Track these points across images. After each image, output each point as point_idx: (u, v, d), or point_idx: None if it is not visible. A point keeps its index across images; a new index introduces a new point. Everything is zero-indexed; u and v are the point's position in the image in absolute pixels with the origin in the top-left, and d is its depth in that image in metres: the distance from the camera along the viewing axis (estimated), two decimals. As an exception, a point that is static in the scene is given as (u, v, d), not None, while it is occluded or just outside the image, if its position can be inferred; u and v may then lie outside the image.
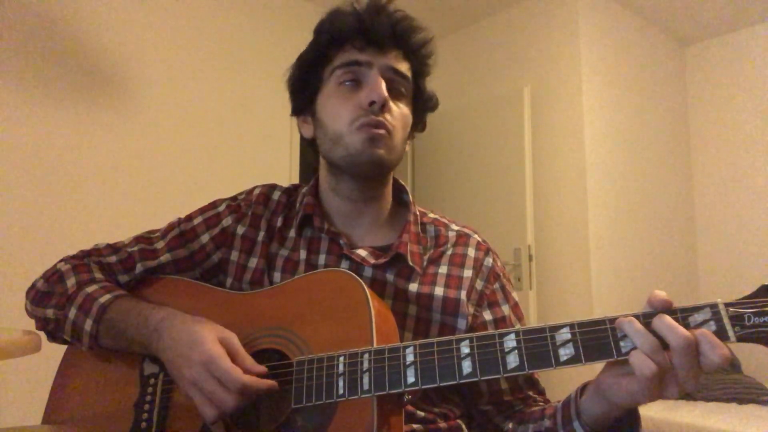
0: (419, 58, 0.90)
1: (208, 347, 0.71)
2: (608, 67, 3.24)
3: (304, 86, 0.91)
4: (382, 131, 0.82)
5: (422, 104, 0.93)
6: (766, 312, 0.56)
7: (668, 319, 0.58)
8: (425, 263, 0.88)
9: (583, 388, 0.73)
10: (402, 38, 0.86)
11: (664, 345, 0.58)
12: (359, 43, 0.85)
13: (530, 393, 0.88)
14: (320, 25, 0.89)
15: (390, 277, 0.85)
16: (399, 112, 0.86)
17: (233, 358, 0.73)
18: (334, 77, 0.87)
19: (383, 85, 0.83)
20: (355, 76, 0.85)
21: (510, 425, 0.84)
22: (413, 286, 0.85)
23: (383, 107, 0.82)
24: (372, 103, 0.82)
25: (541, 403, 0.87)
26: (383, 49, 0.85)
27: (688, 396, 2.70)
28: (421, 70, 0.91)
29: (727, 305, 0.58)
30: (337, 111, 0.85)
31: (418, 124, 0.96)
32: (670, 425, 2.42)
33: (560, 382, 2.86)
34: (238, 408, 0.69)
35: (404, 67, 0.87)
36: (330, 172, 0.91)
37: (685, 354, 0.57)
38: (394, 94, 0.86)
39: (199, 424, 0.75)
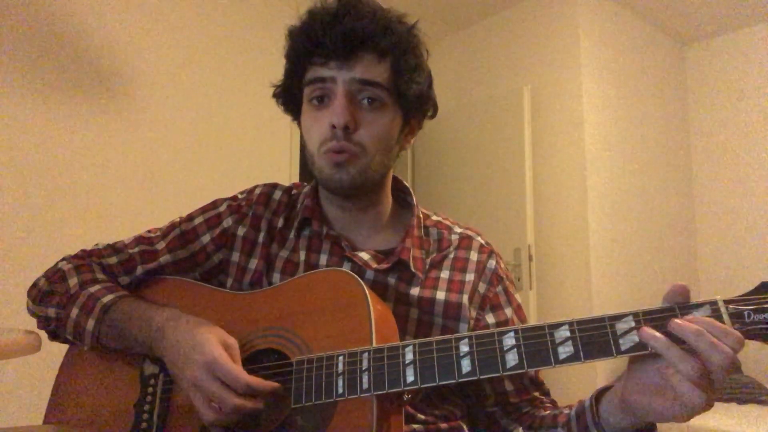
0: (398, 54, 0.82)
1: (210, 348, 0.71)
2: (608, 67, 3.24)
3: (288, 100, 0.91)
4: (345, 156, 0.80)
5: (412, 102, 0.85)
6: (766, 309, 0.56)
7: (688, 326, 0.56)
8: (427, 267, 0.87)
9: (598, 396, 0.72)
10: (369, 40, 0.80)
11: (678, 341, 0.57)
12: (320, 57, 0.81)
13: (536, 394, 0.87)
14: (287, 39, 0.86)
15: (391, 281, 0.85)
16: (373, 126, 0.81)
17: None
18: (305, 93, 0.85)
19: (344, 106, 0.79)
20: (321, 93, 0.82)
21: (520, 430, 0.83)
22: (415, 291, 0.84)
23: (347, 129, 0.79)
24: (334, 127, 0.79)
25: (548, 406, 0.86)
26: (349, 59, 0.80)
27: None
28: (404, 66, 0.82)
29: (727, 302, 0.58)
30: (309, 130, 0.84)
31: (410, 124, 0.89)
32: (669, 425, 2.42)
33: (561, 382, 2.86)
34: (241, 409, 0.68)
35: (377, 72, 0.81)
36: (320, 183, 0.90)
37: (721, 364, 0.55)
38: (367, 105, 0.81)
39: (199, 424, 0.75)
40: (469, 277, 0.87)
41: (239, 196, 0.96)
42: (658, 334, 0.58)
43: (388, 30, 0.81)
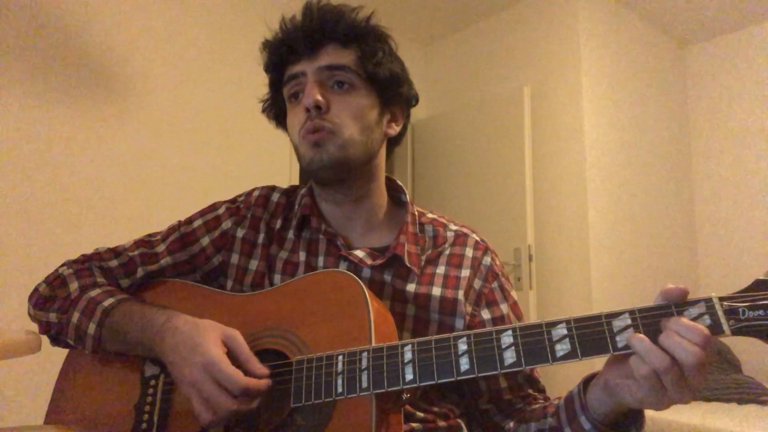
0: (362, 38, 0.87)
1: (208, 349, 0.71)
2: (608, 67, 3.24)
3: (277, 113, 0.97)
4: (320, 134, 0.83)
5: (385, 84, 0.89)
6: (760, 305, 0.56)
7: (676, 337, 0.58)
8: (423, 263, 0.88)
9: (586, 383, 0.73)
10: (331, 31, 0.86)
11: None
12: (292, 57, 0.87)
13: (530, 391, 0.88)
14: (261, 53, 0.92)
15: (388, 277, 0.86)
16: (345, 105, 0.85)
17: (237, 356, 0.73)
18: (285, 94, 0.90)
19: (314, 89, 0.83)
20: (296, 88, 0.87)
21: (511, 424, 0.84)
22: (411, 287, 0.85)
23: (319, 110, 0.83)
24: (307, 110, 0.84)
25: (541, 401, 0.87)
26: (315, 51, 0.86)
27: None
28: (369, 50, 0.87)
29: (722, 299, 0.58)
30: (291, 125, 0.90)
31: (391, 110, 0.92)
32: (670, 425, 2.42)
33: (563, 380, 2.86)
34: (236, 412, 0.69)
35: (342, 57, 0.86)
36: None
37: (688, 361, 0.57)
38: (338, 88, 0.86)
39: (199, 425, 0.75)
40: (465, 273, 0.88)
41: (238, 199, 0.98)
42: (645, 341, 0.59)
43: (346, 19, 0.86)
